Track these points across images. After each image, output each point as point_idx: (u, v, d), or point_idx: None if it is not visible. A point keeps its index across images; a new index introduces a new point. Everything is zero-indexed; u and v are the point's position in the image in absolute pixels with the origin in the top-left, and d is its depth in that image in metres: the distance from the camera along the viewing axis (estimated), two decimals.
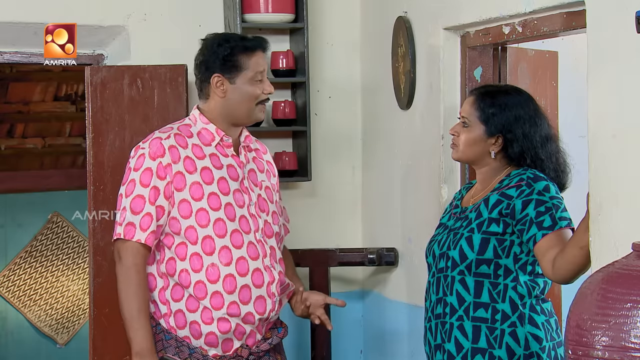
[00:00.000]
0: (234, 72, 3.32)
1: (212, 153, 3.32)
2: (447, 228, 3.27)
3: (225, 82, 3.32)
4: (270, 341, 3.34)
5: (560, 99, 4.17)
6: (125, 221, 3.24)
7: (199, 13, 4.55)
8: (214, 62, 3.33)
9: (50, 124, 8.10)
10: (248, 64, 3.32)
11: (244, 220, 3.29)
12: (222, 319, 3.23)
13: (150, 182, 3.23)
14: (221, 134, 3.34)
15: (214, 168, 3.30)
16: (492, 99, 3.21)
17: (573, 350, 2.09)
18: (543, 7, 3.31)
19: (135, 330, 3.20)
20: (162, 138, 3.28)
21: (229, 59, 3.32)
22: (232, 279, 3.22)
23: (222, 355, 3.27)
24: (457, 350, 3.13)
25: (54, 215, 8.70)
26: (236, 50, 3.33)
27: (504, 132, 3.18)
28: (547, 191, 3.07)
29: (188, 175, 3.25)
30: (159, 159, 3.25)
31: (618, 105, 2.72)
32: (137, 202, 3.23)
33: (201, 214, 3.24)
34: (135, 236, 3.21)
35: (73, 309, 8.72)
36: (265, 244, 3.32)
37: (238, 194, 3.30)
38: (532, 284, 3.12)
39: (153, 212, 3.22)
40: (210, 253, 3.23)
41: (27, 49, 4.51)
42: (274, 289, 3.29)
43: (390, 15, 4.34)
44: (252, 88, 3.33)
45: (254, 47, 3.35)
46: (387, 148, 4.50)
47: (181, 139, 3.30)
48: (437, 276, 3.22)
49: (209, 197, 3.25)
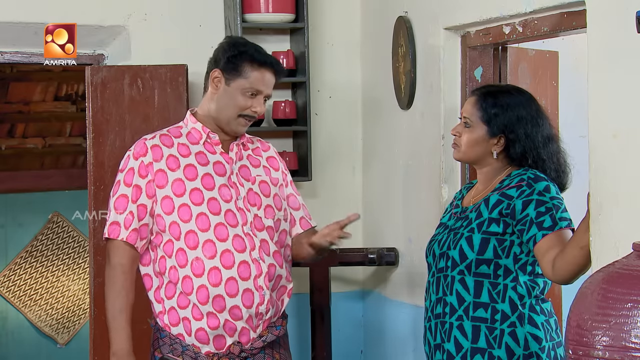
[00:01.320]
0: (233, 74, 3.32)
1: (199, 151, 3.35)
2: (447, 228, 3.27)
3: (222, 80, 3.34)
4: (264, 339, 3.34)
5: (561, 99, 4.18)
6: (109, 220, 3.32)
7: (199, 13, 4.55)
8: (220, 59, 3.36)
9: (51, 124, 8.10)
10: (249, 74, 3.31)
11: (230, 214, 3.30)
12: (211, 314, 3.25)
13: (132, 181, 3.29)
14: (207, 132, 3.36)
15: (199, 165, 3.32)
16: (494, 99, 3.21)
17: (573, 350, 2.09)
18: (543, 7, 3.31)
19: (115, 331, 3.29)
20: (146, 139, 3.35)
21: (233, 61, 3.33)
22: (217, 271, 3.24)
23: (214, 353, 3.28)
24: (457, 350, 3.13)
25: (55, 215, 8.70)
26: (244, 56, 3.33)
27: (506, 133, 3.18)
28: (547, 191, 3.07)
29: (170, 172, 3.30)
30: (140, 158, 3.30)
31: (618, 105, 2.72)
32: (121, 202, 3.30)
33: (183, 209, 3.27)
34: (119, 235, 3.28)
35: (73, 308, 8.72)
36: (255, 237, 3.31)
37: (224, 189, 3.32)
38: (532, 284, 3.12)
39: (134, 210, 3.28)
40: (194, 247, 3.25)
41: (28, 49, 4.52)
42: (262, 281, 3.29)
43: (391, 15, 4.34)
44: (242, 98, 3.32)
45: (262, 61, 3.33)
46: (388, 148, 4.50)
47: (167, 138, 3.35)
48: (437, 276, 3.22)
49: (191, 193, 3.29)
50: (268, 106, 4.62)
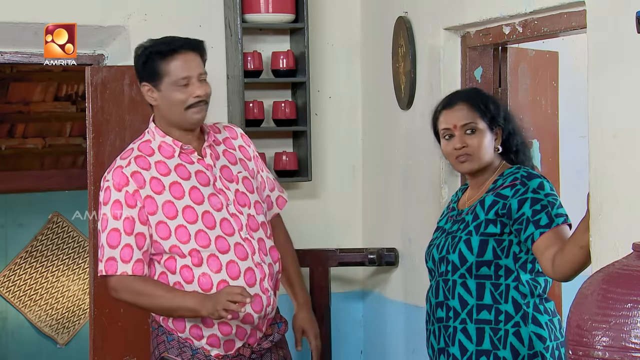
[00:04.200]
0: (155, 78, 3.24)
1: (177, 164, 3.27)
2: (445, 232, 3.26)
3: (152, 90, 3.26)
4: (272, 338, 3.34)
5: (561, 99, 4.17)
6: (104, 257, 3.22)
7: (199, 13, 4.55)
8: (138, 71, 3.29)
9: (51, 124, 8.10)
10: (167, 69, 3.22)
11: (225, 222, 3.26)
12: (223, 323, 3.23)
13: (121, 214, 3.20)
14: (179, 145, 3.28)
15: (183, 180, 3.25)
16: (480, 96, 3.26)
17: (573, 351, 2.09)
18: (543, 7, 3.31)
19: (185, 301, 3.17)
20: (123, 166, 3.24)
21: (147, 67, 3.25)
22: (225, 284, 3.21)
23: (224, 355, 3.27)
24: (462, 354, 3.11)
25: (54, 215, 8.70)
26: (152, 56, 3.24)
27: (502, 124, 3.21)
28: (541, 189, 3.06)
29: (157, 196, 3.22)
30: (124, 189, 3.21)
31: (618, 105, 2.72)
32: (113, 236, 3.21)
33: (180, 231, 3.22)
34: (118, 270, 3.20)
35: (73, 309, 8.72)
36: (252, 240, 3.29)
37: (213, 198, 3.26)
38: (533, 283, 3.11)
39: (132, 242, 3.20)
40: (198, 264, 3.22)
41: (28, 49, 4.51)
42: (267, 284, 3.29)
43: (391, 15, 4.34)
44: (177, 94, 3.23)
45: (170, 50, 3.23)
46: (388, 148, 4.50)
47: (142, 160, 3.26)
48: (437, 280, 3.21)
49: (184, 212, 3.22)
50: (268, 106, 4.62)
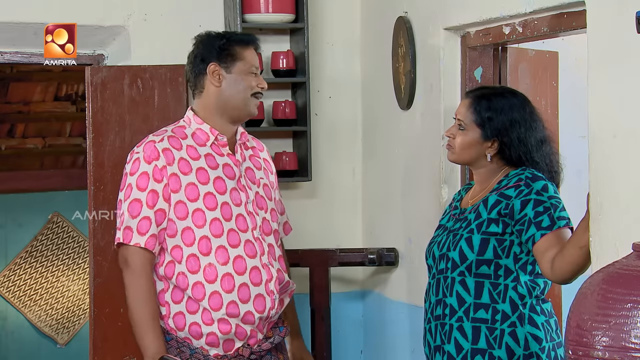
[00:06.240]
0: (230, 61, 3.32)
1: (207, 153, 3.31)
2: (446, 229, 3.27)
3: (221, 71, 3.32)
4: (272, 340, 3.34)
5: (561, 99, 4.17)
6: (123, 225, 3.23)
7: (199, 13, 4.55)
8: (210, 53, 3.34)
9: (51, 124, 8.10)
10: (244, 55, 3.34)
11: (241, 218, 3.28)
12: (222, 320, 3.23)
13: (147, 186, 3.22)
14: (215, 133, 3.33)
15: (210, 168, 3.28)
16: (488, 102, 3.20)
17: (573, 351, 2.09)
18: (543, 8, 3.31)
19: (148, 337, 3.18)
20: (155, 141, 3.28)
21: (225, 48, 3.33)
22: (230, 277, 3.22)
23: (223, 355, 3.26)
24: (457, 352, 3.13)
25: (54, 215, 8.70)
26: (232, 41, 3.35)
27: (499, 137, 3.18)
28: (545, 191, 3.07)
29: (183, 176, 3.25)
30: (154, 162, 3.24)
31: (618, 105, 2.72)
32: (134, 206, 3.22)
33: (197, 215, 3.23)
34: (132, 240, 3.21)
35: (73, 309, 8.71)
36: (263, 242, 3.31)
37: (235, 193, 3.30)
38: (532, 285, 3.12)
39: (152, 215, 3.21)
40: (207, 253, 3.22)
41: (28, 49, 4.51)
42: (273, 286, 3.29)
43: (391, 15, 4.34)
44: (248, 78, 3.33)
45: (249, 40, 3.38)
46: (387, 148, 4.50)
47: (175, 141, 3.29)
48: (436, 277, 3.22)
49: (205, 197, 3.25)
50: (268, 106, 4.63)
